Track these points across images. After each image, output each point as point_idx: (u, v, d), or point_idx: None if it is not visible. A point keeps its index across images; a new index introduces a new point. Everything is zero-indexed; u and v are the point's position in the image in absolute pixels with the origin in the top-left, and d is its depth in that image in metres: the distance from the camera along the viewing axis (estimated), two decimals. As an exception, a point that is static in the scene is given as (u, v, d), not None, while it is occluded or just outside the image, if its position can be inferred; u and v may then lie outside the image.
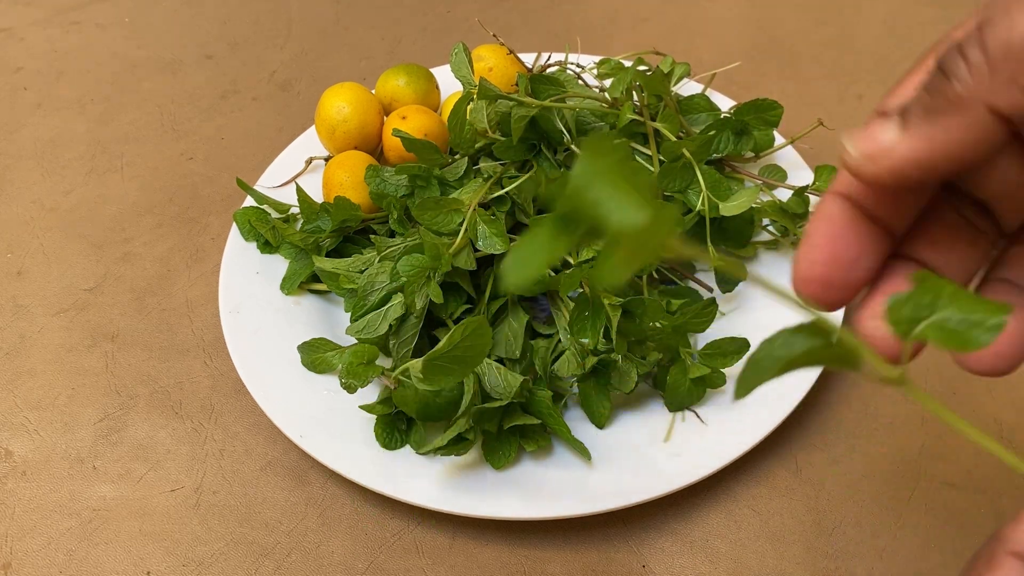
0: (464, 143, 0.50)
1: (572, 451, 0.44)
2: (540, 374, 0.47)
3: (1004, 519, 0.44)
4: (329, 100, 0.58)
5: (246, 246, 0.54)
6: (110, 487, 0.47)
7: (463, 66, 0.50)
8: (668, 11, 0.81)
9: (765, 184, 0.54)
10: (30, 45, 0.81)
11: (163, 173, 0.66)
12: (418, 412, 0.43)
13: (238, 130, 0.70)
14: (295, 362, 0.48)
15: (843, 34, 0.77)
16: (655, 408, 0.46)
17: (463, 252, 0.46)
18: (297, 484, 0.46)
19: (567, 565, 0.43)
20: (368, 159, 0.56)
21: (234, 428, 0.49)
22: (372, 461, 0.44)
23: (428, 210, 0.46)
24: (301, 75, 0.75)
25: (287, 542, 0.44)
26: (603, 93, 0.57)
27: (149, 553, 0.44)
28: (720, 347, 0.45)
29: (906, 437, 0.47)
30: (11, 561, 0.44)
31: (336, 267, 0.49)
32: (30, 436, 0.50)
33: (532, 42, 0.76)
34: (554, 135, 0.50)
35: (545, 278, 0.46)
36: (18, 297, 0.57)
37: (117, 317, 0.56)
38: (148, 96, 0.74)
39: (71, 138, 0.70)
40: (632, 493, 0.42)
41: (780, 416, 0.44)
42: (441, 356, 0.38)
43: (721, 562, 0.42)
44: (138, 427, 0.50)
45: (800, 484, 0.45)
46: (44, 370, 0.53)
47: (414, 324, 0.46)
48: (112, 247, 0.60)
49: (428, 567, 0.43)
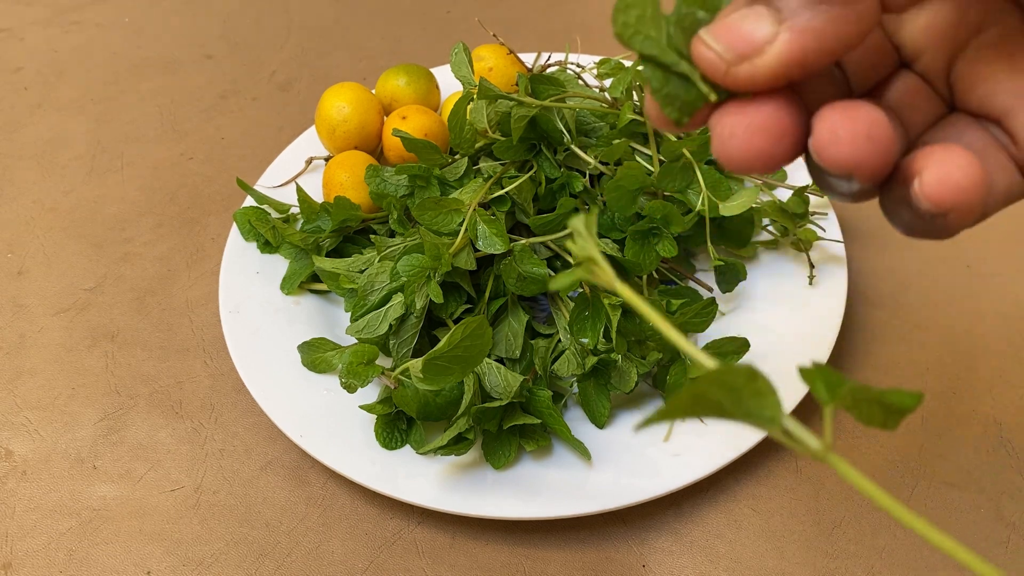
0: (464, 143, 0.50)
1: (572, 451, 0.44)
2: (540, 374, 0.47)
3: (1004, 519, 0.44)
4: (329, 100, 0.58)
5: (246, 246, 0.54)
6: (110, 487, 0.47)
7: (463, 66, 0.50)
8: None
9: (765, 184, 0.54)
10: (30, 45, 0.81)
11: (163, 173, 0.66)
12: (418, 412, 0.43)
13: (238, 130, 0.70)
14: (295, 362, 0.48)
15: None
16: (655, 408, 0.46)
17: (463, 252, 0.46)
18: (297, 484, 0.46)
19: (567, 565, 0.43)
20: (368, 159, 0.56)
21: (234, 428, 0.49)
22: (372, 461, 0.44)
23: (428, 210, 0.46)
24: (301, 75, 0.75)
25: (287, 542, 0.44)
26: (603, 93, 0.57)
27: (149, 553, 0.44)
28: (720, 347, 0.45)
29: (906, 437, 0.47)
30: (11, 561, 0.44)
31: (336, 267, 0.49)
32: (30, 436, 0.50)
33: (532, 42, 0.76)
34: (554, 135, 0.50)
35: (545, 278, 0.46)
36: (18, 297, 0.57)
37: (117, 317, 0.56)
38: (148, 96, 0.74)
39: (71, 138, 0.70)
40: (632, 493, 0.42)
41: (780, 416, 0.44)
42: (441, 356, 0.38)
43: (721, 562, 0.42)
44: (138, 427, 0.50)
45: (800, 484, 0.45)
46: (44, 370, 0.53)
47: (414, 324, 0.46)
48: (112, 247, 0.60)
49: (428, 567, 0.43)
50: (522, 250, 0.47)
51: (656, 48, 0.20)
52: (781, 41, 0.18)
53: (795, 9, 0.18)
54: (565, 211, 0.48)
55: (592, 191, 0.51)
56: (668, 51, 0.20)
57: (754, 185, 0.51)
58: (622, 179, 0.47)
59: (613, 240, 0.49)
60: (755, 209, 0.51)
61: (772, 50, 0.18)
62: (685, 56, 0.20)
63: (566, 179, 0.51)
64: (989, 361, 0.50)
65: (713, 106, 0.20)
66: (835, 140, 0.19)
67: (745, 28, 0.19)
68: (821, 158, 0.19)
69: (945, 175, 0.19)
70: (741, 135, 0.19)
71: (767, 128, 0.19)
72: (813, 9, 0.18)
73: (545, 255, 0.50)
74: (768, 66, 0.19)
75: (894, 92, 0.23)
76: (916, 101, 0.23)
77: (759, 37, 0.19)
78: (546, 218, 0.48)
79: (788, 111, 0.20)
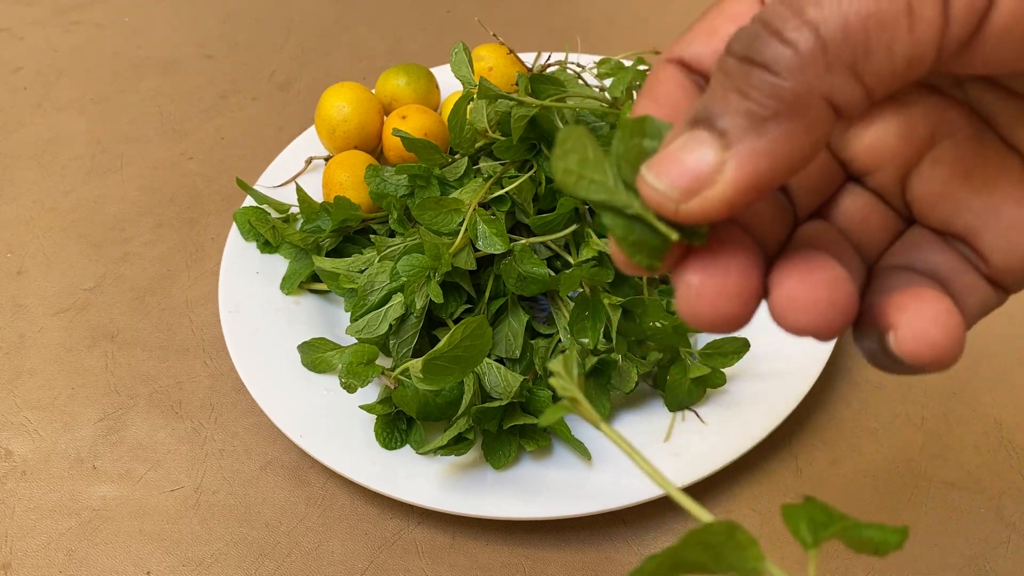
0: (464, 143, 0.50)
1: (572, 451, 0.44)
2: (540, 374, 0.47)
3: (1004, 519, 0.44)
4: (329, 100, 0.58)
5: (246, 246, 0.54)
6: (110, 487, 0.47)
7: (463, 66, 0.50)
8: (668, 11, 0.81)
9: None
10: (30, 45, 0.81)
11: (163, 173, 0.66)
12: (418, 412, 0.43)
13: (238, 130, 0.70)
14: (295, 362, 0.48)
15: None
16: (655, 408, 0.46)
17: (463, 252, 0.46)
18: (297, 484, 0.46)
19: (567, 565, 0.43)
20: (368, 159, 0.56)
21: (234, 428, 0.49)
22: (372, 461, 0.44)
23: (428, 210, 0.46)
24: (301, 75, 0.75)
25: (287, 542, 0.44)
26: (603, 93, 0.57)
27: (149, 553, 0.44)
28: (720, 347, 0.45)
29: (906, 437, 0.47)
30: (11, 561, 0.44)
31: (336, 267, 0.49)
32: (30, 436, 0.50)
33: (532, 42, 0.76)
34: (554, 135, 0.50)
35: (545, 278, 0.46)
36: (18, 297, 0.57)
37: (117, 317, 0.56)
38: (148, 96, 0.74)
39: (71, 138, 0.70)
40: (632, 493, 0.42)
41: (780, 416, 0.44)
42: (441, 356, 0.38)
43: (721, 562, 0.42)
44: (138, 427, 0.50)
45: (800, 484, 0.45)
46: (44, 370, 0.53)
47: (414, 324, 0.46)
48: (112, 247, 0.60)
49: (428, 567, 0.43)
50: (522, 250, 0.47)
51: (604, 192, 0.18)
52: (729, 169, 0.16)
53: (740, 129, 0.16)
54: (565, 211, 0.48)
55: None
56: (618, 193, 0.18)
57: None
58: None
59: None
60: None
61: (721, 179, 0.17)
62: (637, 194, 0.18)
63: (566, 179, 0.51)
64: (989, 361, 0.50)
65: (683, 246, 0.19)
66: (793, 308, 0.18)
67: (689, 160, 0.17)
68: (779, 324, 0.18)
69: (922, 332, 0.18)
70: (707, 298, 0.18)
71: (733, 294, 0.18)
72: (760, 128, 0.16)
73: (545, 255, 0.50)
74: (719, 199, 0.17)
75: (845, 211, 0.22)
76: (870, 219, 0.21)
77: (704, 168, 0.17)
78: (546, 218, 0.48)
79: (752, 269, 0.18)
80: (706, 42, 0.20)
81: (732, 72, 0.17)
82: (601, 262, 0.49)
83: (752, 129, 0.16)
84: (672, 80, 0.20)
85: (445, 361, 0.38)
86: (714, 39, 0.20)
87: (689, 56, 0.20)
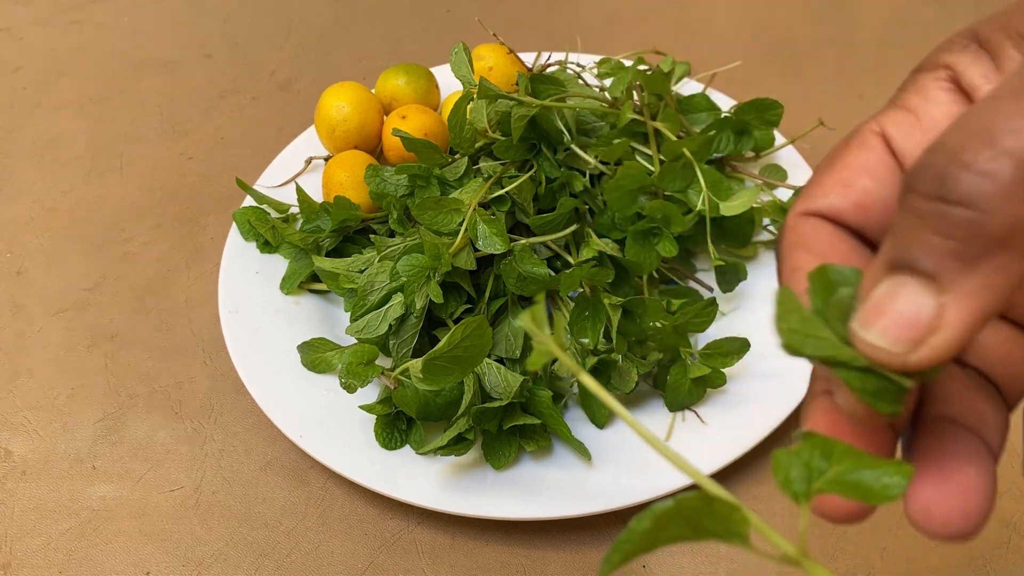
0: (464, 143, 0.50)
1: (572, 451, 0.44)
2: (540, 374, 0.47)
3: (1004, 519, 0.44)
4: (329, 99, 0.58)
5: (246, 246, 0.54)
6: (110, 487, 0.47)
7: (463, 65, 0.50)
8: (668, 11, 0.81)
9: (766, 184, 0.54)
10: (30, 45, 0.81)
11: (163, 173, 0.66)
12: (418, 412, 0.43)
13: (238, 130, 0.70)
14: (295, 362, 0.48)
15: (844, 34, 0.77)
16: (655, 408, 0.46)
17: (463, 252, 0.46)
18: (297, 484, 0.46)
19: (567, 565, 0.43)
20: (368, 159, 0.56)
21: (234, 428, 0.49)
22: (372, 461, 0.44)
23: (428, 210, 0.46)
24: (301, 75, 0.75)
25: (287, 542, 0.44)
26: (603, 93, 0.57)
27: (149, 553, 0.44)
28: (720, 347, 0.45)
29: (906, 437, 0.47)
30: (11, 561, 0.44)
31: (336, 267, 0.49)
32: (30, 436, 0.50)
33: (532, 41, 0.76)
34: (554, 135, 0.50)
35: (545, 278, 0.46)
36: (18, 297, 0.57)
37: (117, 317, 0.56)
38: (148, 96, 0.74)
39: (71, 138, 0.70)
40: (632, 493, 0.42)
41: (780, 416, 0.44)
42: (441, 356, 0.37)
43: (721, 562, 0.42)
44: (138, 427, 0.50)
45: (800, 484, 0.45)
46: (43, 370, 0.53)
47: (414, 324, 0.46)
48: (112, 247, 0.60)
49: (428, 567, 0.43)
50: (522, 250, 0.46)
51: (832, 349, 0.18)
52: (952, 313, 0.16)
53: (952, 271, 0.16)
54: (565, 211, 0.48)
55: (592, 191, 0.51)
56: (843, 348, 0.18)
57: (755, 185, 0.51)
58: (622, 179, 0.47)
59: (613, 240, 0.49)
60: (756, 209, 0.51)
61: (945, 324, 0.16)
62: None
63: (566, 179, 0.51)
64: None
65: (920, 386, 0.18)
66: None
67: (905, 310, 0.16)
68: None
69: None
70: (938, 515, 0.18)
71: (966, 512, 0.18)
72: (972, 267, 0.16)
73: (545, 255, 0.50)
74: (946, 344, 0.16)
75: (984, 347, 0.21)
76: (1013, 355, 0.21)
77: (925, 317, 0.16)
78: (546, 218, 0.48)
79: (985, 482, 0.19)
80: (843, 194, 0.20)
81: (923, 212, 0.16)
82: (601, 262, 0.48)
83: (964, 269, 0.16)
84: (824, 231, 0.20)
85: (445, 361, 0.38)
86: (852, 191, 0.20)
87: (827, 209, 0.20)
